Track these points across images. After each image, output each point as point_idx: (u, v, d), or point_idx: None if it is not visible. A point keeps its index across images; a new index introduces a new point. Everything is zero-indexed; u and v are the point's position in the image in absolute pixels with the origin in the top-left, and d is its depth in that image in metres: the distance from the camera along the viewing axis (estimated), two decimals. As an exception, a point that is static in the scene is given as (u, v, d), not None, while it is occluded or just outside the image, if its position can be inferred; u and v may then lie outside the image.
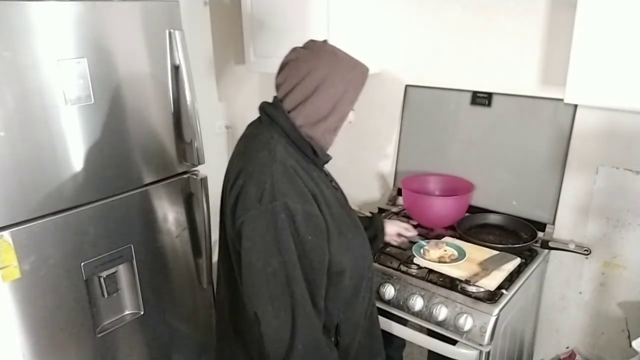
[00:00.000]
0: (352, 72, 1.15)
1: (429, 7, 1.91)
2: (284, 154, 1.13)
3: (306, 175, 1.15)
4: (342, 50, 1.19)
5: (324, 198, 1.16)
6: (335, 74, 1.13)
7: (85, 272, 1.57)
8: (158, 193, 1.74)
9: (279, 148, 1.13)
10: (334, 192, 1.25)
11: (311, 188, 1.14)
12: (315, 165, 1.22)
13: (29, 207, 1.42)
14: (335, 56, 1.15)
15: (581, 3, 1.34)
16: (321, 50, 1.16)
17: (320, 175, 1.22)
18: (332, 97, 1.13)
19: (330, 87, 1.13)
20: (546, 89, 1.72)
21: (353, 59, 1.18)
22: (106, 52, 1.51)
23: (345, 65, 1.15)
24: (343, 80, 1.14)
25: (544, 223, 1.81)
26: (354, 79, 1.16)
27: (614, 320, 1.76)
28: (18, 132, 1.36)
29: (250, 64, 2.21)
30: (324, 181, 1.22)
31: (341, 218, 1.20)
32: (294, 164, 1.14)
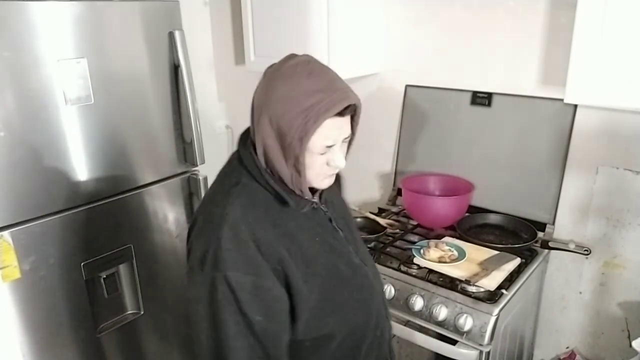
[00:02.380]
0: (304, 102, 0.90)
1: (429, 7, 1.91)
2: (242, 212, 0.95)
3: (273, 232, 0.97)
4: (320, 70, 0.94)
5: (299, 257, 0.99)
6: (277, 101, 0.92)
7: (85, 272, 1.57)
8: (158, 193, 1.74)
9: (235, 205, 0.96)
10: (326, 238, 1.07)
11: (276, 250, 0.95)
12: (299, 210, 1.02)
13: (29, 207, 1.42)
14: (287, 78, 0.93)
15: (581, 3, 1.34)
16: (281, 70, 0.95)
17: (304, 223, 1.03)
18: (273, 132, 0.93)
19: (269, 120, 0.93)
20: (546, 89, 1.72)
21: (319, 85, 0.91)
22: (106, 52, 1.51)
23: (298, 91, 0.91)
24: (289, 112, 0.91)
25: (544, 223, 1.81)
26: (304, 111, 0.90)
27: (614, 320, 1.76)
28: (18, 132, 1.36)
29: (250, 64, 2.21)
30: (306, 229, 1.03)
31: (331, 274, 1.04)
32: (255, 219, 0.96)
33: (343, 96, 0.92)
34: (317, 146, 0.94)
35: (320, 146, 0.94)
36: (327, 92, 0.91)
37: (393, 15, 2.01)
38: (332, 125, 0.92)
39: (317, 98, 0.90)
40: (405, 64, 2.04)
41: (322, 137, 0.92)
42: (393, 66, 2.07)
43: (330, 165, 0.98)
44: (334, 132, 0.94)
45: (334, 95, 0.91)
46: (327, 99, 0.90)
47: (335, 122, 0.93)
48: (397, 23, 2.01)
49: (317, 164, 0.97)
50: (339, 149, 0.98)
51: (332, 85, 0.93)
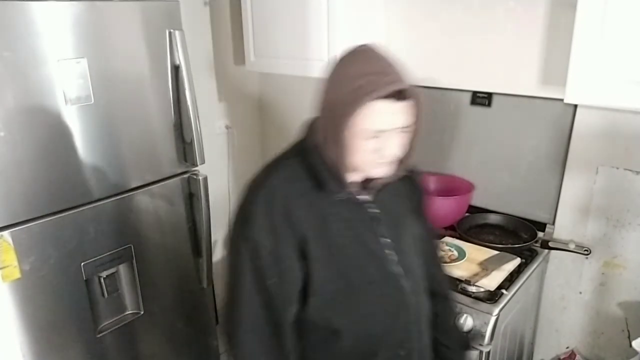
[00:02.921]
0: (353, 83, 0.90)
1: (429, 7, 1.91)
2: (282, 183, 1.00)
3: (306, 209, 0.99)
4: (378, 56, 0.95)
5: (324, 240, 1.00)
6: (331, 85, 0.94)
7: (85, 272, 1.57)
8: (158, 193, 1.74)
9: (278, 175, 1.02)
10: (362, 236, 1.04)
11: (303, 227, 0.98)
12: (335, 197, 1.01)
13: (29, 207, 1.42)
14: (348, 61, 0.95)
15: (581, 3, 1.34)
16: (342, 56, 0.97)
17: (342, 213, 1.02)
18: (323, 110, 0.96)
19: (325, 99, 0.95)
20: (546, 89, 1.72)
21: (372, 69, 0.91)
22: (106, 52, 1.51)
23: (350, 73, 0.92)
24: (339, 91, 0.91)
25: (544, 223, 1.81)
26: (351, 92, 0.89)
27: (614, 320, 1.76)
28: (18, 132, 1.36)
29: (250, 64, 2.21)
30: (342, 219, 1.02)
31: (355, 270, 1.03)
32: (293, 193, 0.99)
33: (393, 79, 0.89)
34: (364, 129, 0.91)
35: (367, 130, 0.91)
36: (378, 74, 0.89)
37: (393, 15, 2.01)
38: (383, 110, 0.89)
39: (366, 79, 0.89)
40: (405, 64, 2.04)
41: (369, 120, 0.90)
42: (393, 66, 2.07)
43: (383, 152, 0.94)
44: (385, 117, 0.90)
45: (384, 78, 0.89)
46: (376, 81, 0.88)
47: (388, 106, 0.89)
48: (397, 23, 2.01)
49: (365, 149, 0.94)
50: (393, 137, 0.94)
51: (386, 69, 0.91)
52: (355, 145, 0.93)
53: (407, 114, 0.93)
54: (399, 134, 0.94)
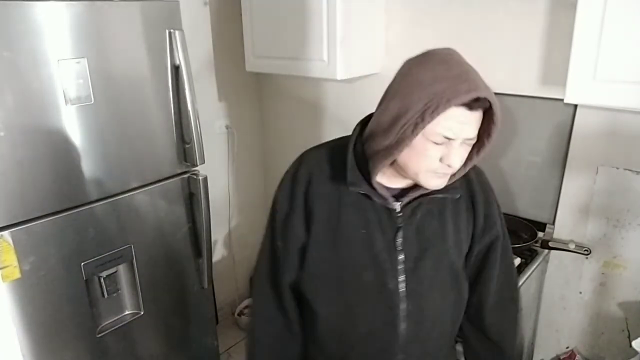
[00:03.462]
0: (430, 87, 0.86)
1: (429, 7, 1.91)
2: (316, 160, 1.05)
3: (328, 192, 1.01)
4: (458, 61, 0.92)
5: (332, 226, 1.01)
6: (406, 85, 0.90)
7: (85, 272, 1.57)
8: (158, 193, 1.74)
9: (317, 151, 1.06)
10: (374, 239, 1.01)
11: (316, 205, 1.01)
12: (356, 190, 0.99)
13: (29, 207, 1.42)
14: (422, 64, 0.92)
15: (581, 3, 1.34)
16: (419, 57, 0.95)
17: (363, 210, 1.00)
18: (391, 110, 0.90)
19: (393, 99, 0.91)
20: (546, 89, 1.72)
21: (451, 73, 0.87)
22: (106, 52, 1.51)
23: (427, 76, 0.88)
24: (412, 95, 0.87)
25: (544, 223, 1.81)
26: (428, 96, 0.85)
27: (614, 320, 1.76)
28: (18, 132, 1.36)
29: (250, 64, 2.21)
30: (360, 215, 1.01)
31: (349, 266, 1.03)
32: (322, 173, 1.02)
33: (472, 87, 0.85)
34: (434, 133, 0.87)
35: (438, 134, 0.87)
36: (456, 80, 0.86)
37: (393, 15, 2.01)
38: (455, 117, 0.86)
39: (444, 85, 0.85)
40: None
41: (441, 125, 0.86)
42: (393, 66, 2.06)
43: (444, 162, 0.90)
44: (456, 125, 0.87)
45: (462, 85, 0.85)
46: (453, 87, 0.84)
47: (461, 114, 0.86)
48: (397, 23, 2.01)
49: (430, 155, 0.90)
50: (458, 147, 0.90)
51: (464, 75, 0.87)
52: (423, 150, 0.89)
53: (477, 125, 0.90)
54: (465, 145, 0.91)
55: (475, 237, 1.09)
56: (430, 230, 1.03)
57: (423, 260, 1.02)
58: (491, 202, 1.12)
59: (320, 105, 2.37)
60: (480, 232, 1.09)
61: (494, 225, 1.11)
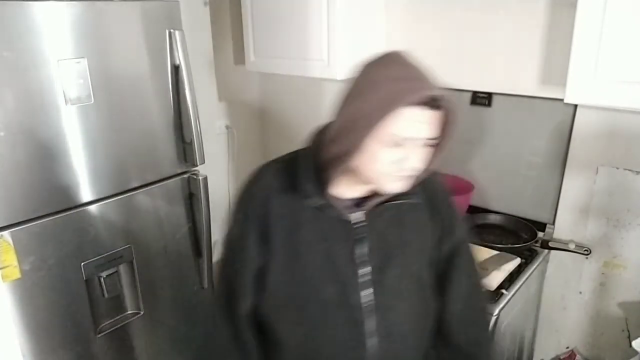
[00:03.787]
0: (383, 88, 0.83)
1: (429, 7, 1.91)
2: (272, 174, 1.00)
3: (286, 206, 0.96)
4: (411, 62, 0.89)
5: (291, 245, 0.96)
6: (359, 87, 0.88)
7: (85, 272, 1.57)
8: (158, 193, 1.74)
9: (273, 166, 1.02)
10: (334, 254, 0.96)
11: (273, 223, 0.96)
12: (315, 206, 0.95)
13: (29, 207, 1.42)
14: (375, 66, 0.89)
15: (581, 3, 1.34)
16: (373, 59, 0.91)
17: (320, 224, 0.96)
18: (345, 115, 0.88)
19: (347, 103, 0.88)
20: (546, 89, 1.72)
21: (404, 73, 0.86)
22: (106, 52, 1.51)
23: (380, 77, 0.85)
24: (365, 96, 0.85)
25: (544, 223, 1.81)
26: (381, 96, 0.83)
27: (614, 320, 1.76)
28: (18, 132, 1.36)
29: (250, 64, 2.21)
30: (318, 230, 0.96)
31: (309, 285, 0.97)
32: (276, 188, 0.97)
33: (424, 85, 0.83)
34: (388, 134, 0.84)
35: (392, 136, 0.84)
36: (410, 80, 0.84)
37: (393, 15, 2.01)
38: (411, 117, 0.83)
39: (398, 85, 0.83)
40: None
41: (397, 126, 0.83)
42: (393, 66, 2.07)
43: (404, 164, 0.87)
44: (413, 125, 0.84)
45: (415, 83, 0.83)
46: (407, 86, 0.82)
47: (417, 114, 0.83)
48: (397, 23, 2.01)
49: (385, 159, 0.86)
50: (417, 149, 0.87)
51: (417, 74, 0.85)
52: (377, 153, 0.86)
53: (436, 125, 0.87)
54: (424, 146, 0.88)
55: (439, 242, 1.05)
56: (392, 238, 1.00)
57: (388, 271, 0.98)
58: (451, 204, 1.08)
59: (320, 105, 2.37)
60: (444, 236, 1.05)
61: (457, 228, 1.07)
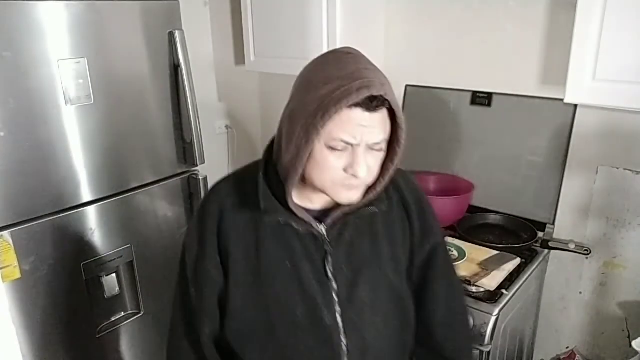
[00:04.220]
0: (321, 89, 0.78)
1: (429, 7, 1.91)
2: (226, 191, 0.93)
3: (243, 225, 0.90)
4: (355, 59, 0.83)
5: (251, 264, 0.90)
6: (298, 90, 0.83)
7: (85, 272, 1.57)
8: (158, 193, 1.74)
9: (227, 182, 0.95)
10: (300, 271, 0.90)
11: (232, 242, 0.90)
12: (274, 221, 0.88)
13: (29, 207, 1.42)
14: (315, 65, 0.84)
15: (581, 3, 1.34)
16: (315, 59, 0.87)
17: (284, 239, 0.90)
18: (289, 119, 0.82)
19: (288, 107, 0.84)
20: (546, 89, 1.72)
21: (344, 72, 0.78)
22: (106, 52, 1.51)
23: (319, 77, 0.80)
24: (304, 99, 0.80)
25: (544, 223, 1.81)
26: (319, 98, 0.77)
27: (614, 320, 1.76)
28: (18, 132, 1.36)
29: (250, 64, 2.21)
30: (281, 246, 0.90)
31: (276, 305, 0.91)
32: (232, 206, 0.91)
33: (364, 84, 0.75)
34: (332, 139, 0.78)
35: (335, 140, 0.78)
36: (348, 79, 0.77)
37: (393, 15, 2.01)
38: (353, 119, 0.77)
39: (335, 85, 0.76)
40: (405, 64, 2.04)
41: (338, 129, 0.78)
42: (393, 66, 2.07)
43: (348, 171, 0.81)
44: (355, 128, 0.78)
45: (353, 83, 0.76)
46: (346, 86, 0.75)
47: (359, 116, 0.77)
48: (397, 23, 2.01)
49: (331, 165, 0.81)
50: (363, 154, 0.80)
51: (357, 73, 0.78)
52: (324, 159, 0.80)
53: (381, 128, 0.81)
54: (371, 151, 0.82)
55: (414, 248, 0.99)
56: (362, 250, 0.93)
57: (358, 286, 0.92)
58: (425, 206, 1.01)
59: (320, 105, 2.37)
60: (418, 241, 0.99)
61: (431, 230, 1.00)
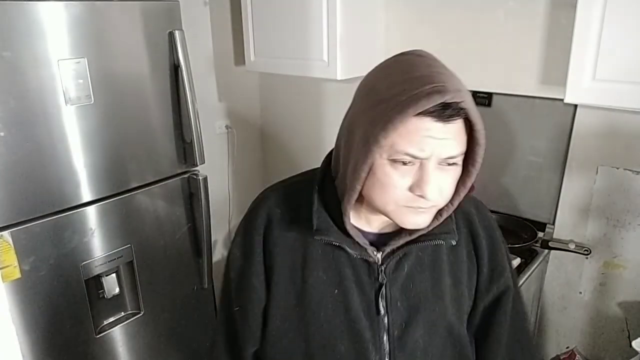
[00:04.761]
0: (384, 95, 0.67)
1: (429, 8, 1.91)
2: (275, 202, 0.85)
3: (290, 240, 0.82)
4: (427, 62, 0.71)
5: (294, 286, 0.82)
6: (360, 98, 0.73)
7: (85, 272, 1.57)
8: (158, 193, 1.74)
9: (278, 192, 0.87)
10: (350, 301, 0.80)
11: (273, 259, 0.82)
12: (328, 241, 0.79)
13: (29, 207, 1.42)
14: (381, 70, 0.73)
15: (581, 3, 1.34)
16: (382, 63, 0.76)
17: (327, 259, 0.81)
18: (347, 130, 0.74)
19: (349, 117, 0.74)
20: (546, 89, 1.72)
21: (412, 76, 0.67)
22: (106, 52, 1.51)
23: (384, 83, 0.69)
24: (365, 107, 0.69)
25: (544, 223, 1.81)
26: (382, 106, 0.66)
27: (614, 320, 1.76)
28: (18, 132, 1.36)
29: (250, 64, 2.21)
30: (330, 270, 0.81)
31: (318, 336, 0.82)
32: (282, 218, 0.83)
33: (437, 90, 0.63)
34: (396, 152, 0.67)
35: (401, 152, 0.67)
36: (416, 83, 0.65)
37: (393, 16, 2.01)
38: (421, 130, 0.65)
39: (401, 89, 0.65)
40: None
41: (402, 140, 0.66)
42: (393, 66, 2.07)
43: (415, 191, 0.69)
44: (424, 140, 0.66)
45: (424, 88, 0.64)
46: (414, 91, 0.64)
47: (428, 126, 0.65)
48: (397, 23, 2.01)
49: (394, 183, 0.69)
50: (433, 171, 0.68)
51: (429, 77, 0.66)
52: (387, 176, 0.69)
53: (457, 141, 0.68)
54: (444, 168, 0.70)
55: (479, 291, 0.88)
56: (421, 286, 0.83)
57: (413, 326, 0.82)
58: (497, 245, 0.89)
59: (320, 105, 2.37)
60: (485, 284, 0.88)
61: (503, 273, 0.88)
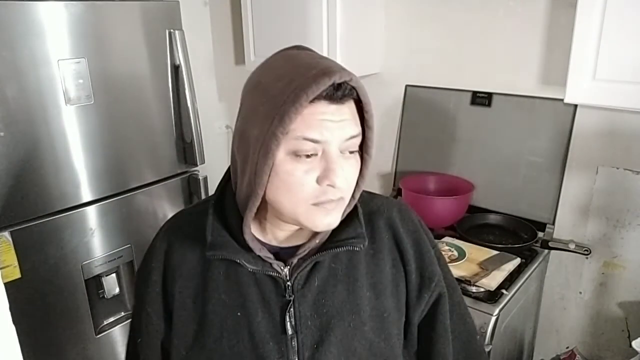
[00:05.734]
0: (273, 88, 0.64)
1: (429, 7, 1.91)
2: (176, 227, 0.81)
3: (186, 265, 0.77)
4: (307, 53, 0.72)
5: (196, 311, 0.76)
6: (248, 97, 0.69)
7: (85, 272, 1.57)
8: (158, 193, 1.74)
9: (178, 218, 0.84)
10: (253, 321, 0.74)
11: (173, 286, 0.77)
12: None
13: (29, 207, 1.42)
14: (263, 68, 0.71)
15: (581, 3, 1.34)
16: (263, 62, 0.74)
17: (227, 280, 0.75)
18: (240, 134, 0.69)
19: (239, 120, 0.70)
20: (546, 89, 1.72)
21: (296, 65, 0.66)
22: (106, 52, 1.51)
23: (269, 77, 0.67)
24: (256, 104, 0.66)
25: (544, 223, 1.81)
26: (273, 98, 0.64)
27: (614, 320, 1.76)
28: (18, 131, 1.36)
29: (250, 64, 2.20)
30: (233, 291, 0.74)
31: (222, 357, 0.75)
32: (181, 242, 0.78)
33: (324, 72, 0.62)
34: (294, 141, 0.64)
35: (298, 139, 0.63)
36: (302, 69, 0.64)
37: (393, 15, 2.01)
38: (316, 114, 0.63)
39: (287, 79, 0.63)
40: (405, 64, 2.04)
41: (300, 127, 0.63)
42: (393, 66, 2.07)
43: (322, 182, 0.65)
44: (322, 123, 0.63)
45: (310, 73, 0.63)
46: (300, 78, 0.62)
47: (322, 109, 0.63)
48: (397, 23, 2.01)
49: (299, 179, 0.65)
50: (336, 156, 0.66)
51: (313, 64, 0.65)
52: (289, 173, 0.65)
53: (352, 118, 0.67)
54: (345, 156, 0.67)
55: (410, 300, 0.80)
56: (335, 300, 0.75)
57: (325, 347, 0.73)
58: (425, 248, 0.81)
59: (320, 105, 2.37)
60: (415, 292, 0.80)
61: (432, 278, 0.81)
